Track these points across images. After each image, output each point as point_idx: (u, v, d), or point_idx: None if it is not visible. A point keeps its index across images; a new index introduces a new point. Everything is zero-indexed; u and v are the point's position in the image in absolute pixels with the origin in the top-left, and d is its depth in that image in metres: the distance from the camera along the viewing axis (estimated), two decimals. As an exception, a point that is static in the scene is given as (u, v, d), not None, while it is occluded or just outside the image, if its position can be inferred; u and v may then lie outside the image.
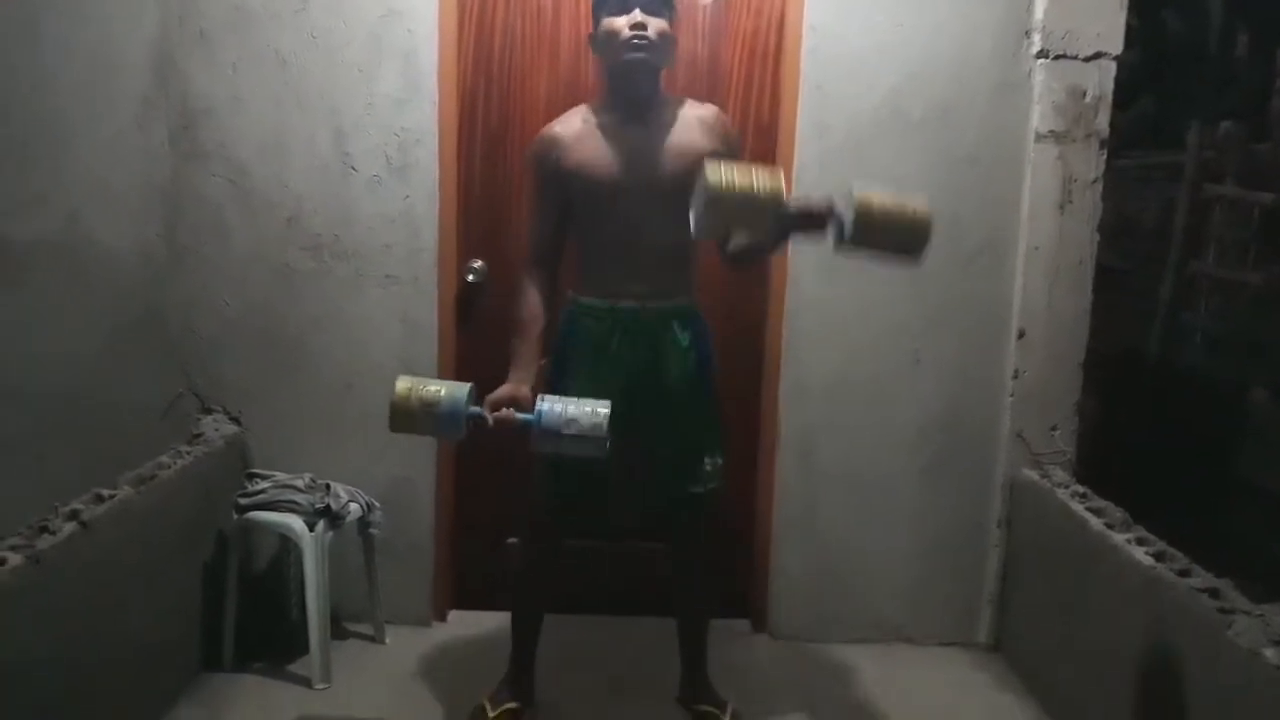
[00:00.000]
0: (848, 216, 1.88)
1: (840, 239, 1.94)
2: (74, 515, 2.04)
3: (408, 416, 2.03)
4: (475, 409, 2.03)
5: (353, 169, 2.75)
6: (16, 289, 2.14)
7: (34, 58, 2.16)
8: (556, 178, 2.24)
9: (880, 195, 1.87)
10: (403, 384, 2.04)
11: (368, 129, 2.74)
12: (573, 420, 1.95)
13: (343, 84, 2.72)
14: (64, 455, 2.23)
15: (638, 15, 2.12)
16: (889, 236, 1.89)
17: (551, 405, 1.98)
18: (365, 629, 2.87)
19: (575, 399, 2.00)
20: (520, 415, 2.02)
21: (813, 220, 2.00)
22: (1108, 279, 2.92)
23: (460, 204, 2.83)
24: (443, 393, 2.02)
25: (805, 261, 2.79)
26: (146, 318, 2.66)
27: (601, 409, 1.96)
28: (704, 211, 1.90)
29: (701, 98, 2.59)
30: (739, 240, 2.20)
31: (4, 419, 2.05)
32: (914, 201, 1.89)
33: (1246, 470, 3.01)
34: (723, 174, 1.87)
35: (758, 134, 2.82)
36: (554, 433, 1.96)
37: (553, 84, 2.81)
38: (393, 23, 2.70)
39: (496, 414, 2.05)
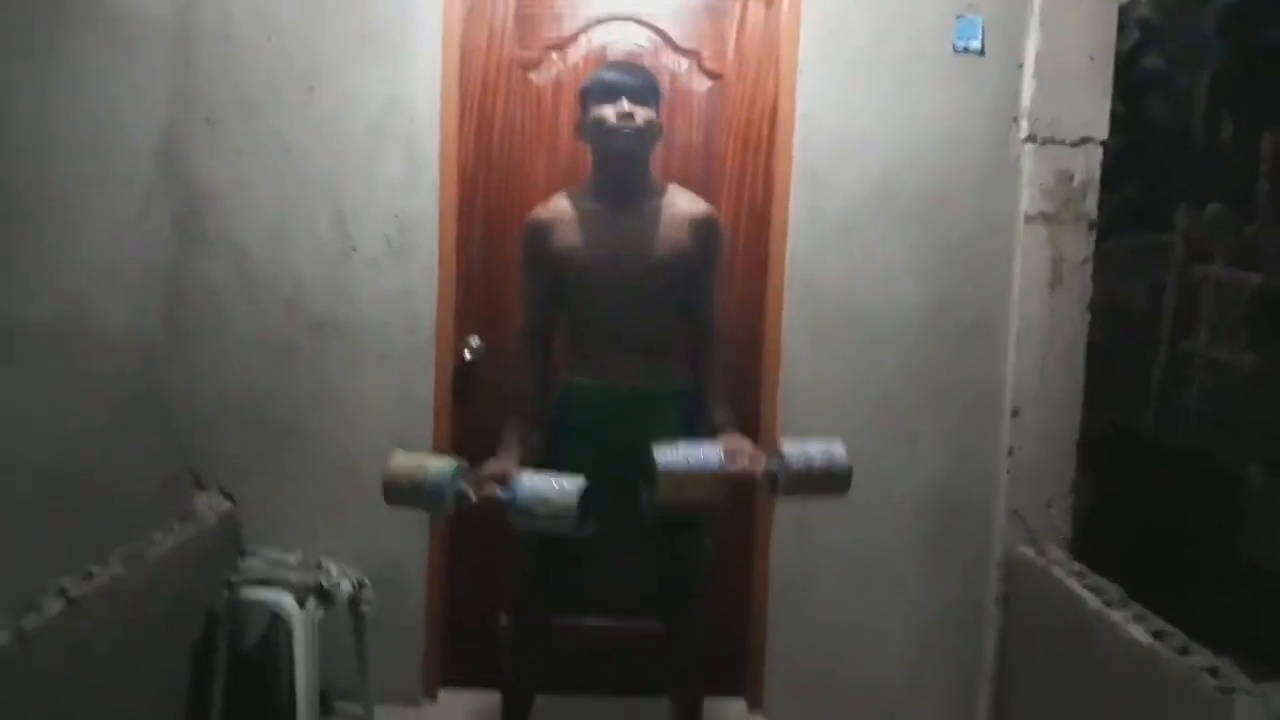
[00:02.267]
0: (780, 476, 2.08)
1: (772, 490, 2.15)
2: (62, 592, 2.03)
3: (396, 490, 2.07)
4: (461, 486, 2.05)
5: (353, 250, 2.81)
6: (17, 368, 2.16)
7: (40, 140, 2.22)
8: (544, 260, 2.29)
9: (809, 462, 2.07)
10: (394, 460, 2.08)
11: (369, 212, 2.80)
12: (545, 500, 1.98)
13: (345, 168, 2.79)
14: (57, 533, 2.23)
15: (625, 105, 2.18)
16: (816, 489, 2.13)
17: (526, 483, 2.01)
18: (355, 708, 2.82)
19: (552, 476, 2.03)
20: (502, 493, 2.03)
21: (749, 484, 2.18)
22: (1100, 359, 2.94)
23: (459, 284, 2.88)
24: (430, 469, 2.05)
25: (798, 340, 2.82)
26: (145, 398, 2.68)
27: (571, 487, 1.99)
28: (655, 499, 2.03)
29: (696, 184, 2.67)
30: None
31: (-1, 494, 2.07)
32: (837, 453, 2.09)
33: (1241, 548, 3.00)
34: (673, 483, 2.01)
35: (751, 219, 2.88)
36: (528, 510, 1.99)
37: (551, 169, 2.87)
38: (396, 111, 2.77)
39: (480, 492, 2.06)
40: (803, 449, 2.08)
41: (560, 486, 1.99)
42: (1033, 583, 2.71)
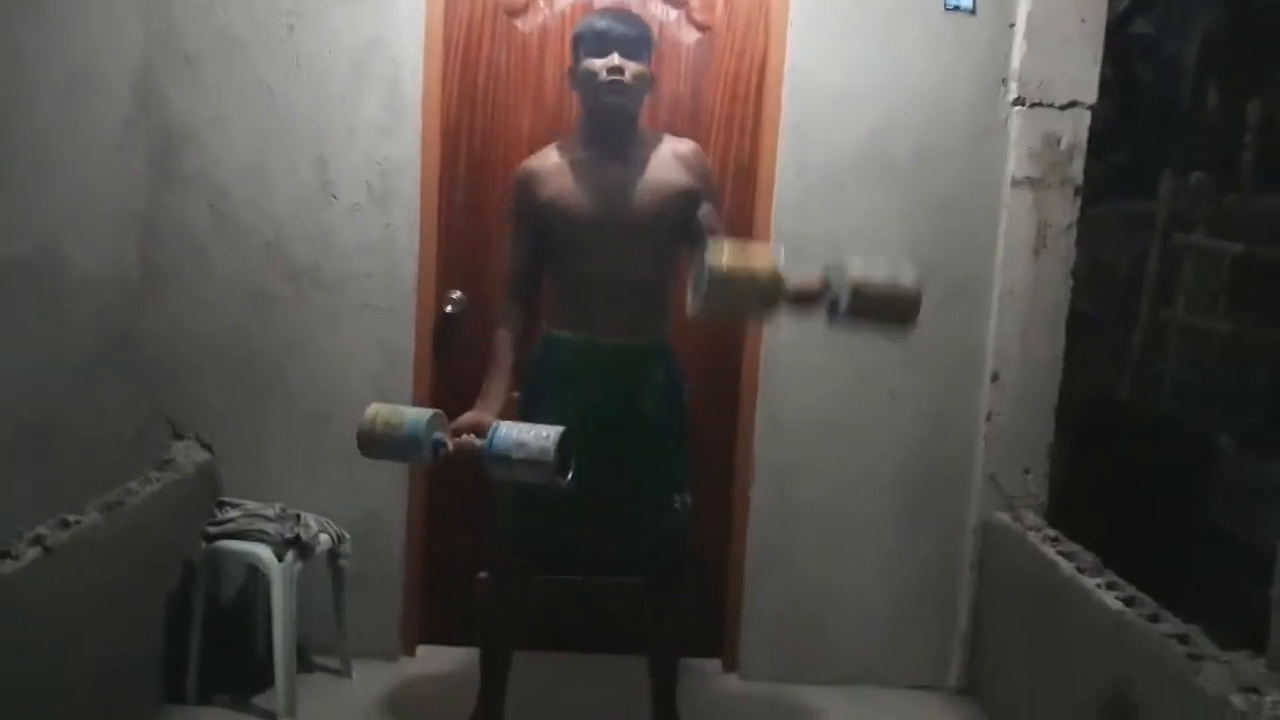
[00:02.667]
0: (842, 296, 1.93)
1: (833, 315, 2.00)
2: (38, 540, 2.00)
3: (372, 440, 2.03)
4: (438, 435, 2.03)
5: (334, 197, 2.76)
6: (-11, 308, 2.12)
7: (14, 77, 2.15)
8: (533, 212, 2.26)
9: (872, 275, 1.94)
10: (371, 409, 2.05)
11: (350, 157, 2.75)
12: (522, 445, 1.95)
13: (326, 111, 2.73)
14: (32, 479, 2.20)
15: (615, 59, 2.15)
16: (880, 314, 1.97)
17: (504, 431, 1.98)
18: (332, 662, 2.83)
19: (530, 425, 2.00)
20: (479, 442, 2.01)
21: (807, 299, 2.06)
22: (1082, 325, 2.95)
23: (441, 235, 2.84)
24: (406, 417, 2.02)
25: (783, 300, 2.80)
26: (120, 342, 2.63)
27: (550, 433, 1.95)
28: (705, 293, 1.93)
29: (684, 135, 2.62)
30: (734, 317, 2.19)
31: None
32: (905, 277, 1.95)
33: (1213, 516, 3.04)
34: (725, 258, 1.91)
35: (738, 173, 2.85)
36: (504, 457, 1.96)
37: (536, 118, 2.83)
38: (377, 51, 2.71)
39: (456, 440, 2.04)
40: (866, 265, 1.94)
41: (539, 434, 1.96)
42: (1008, 548, 2.73)
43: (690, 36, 2.82)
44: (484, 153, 2.84)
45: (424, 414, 2.03)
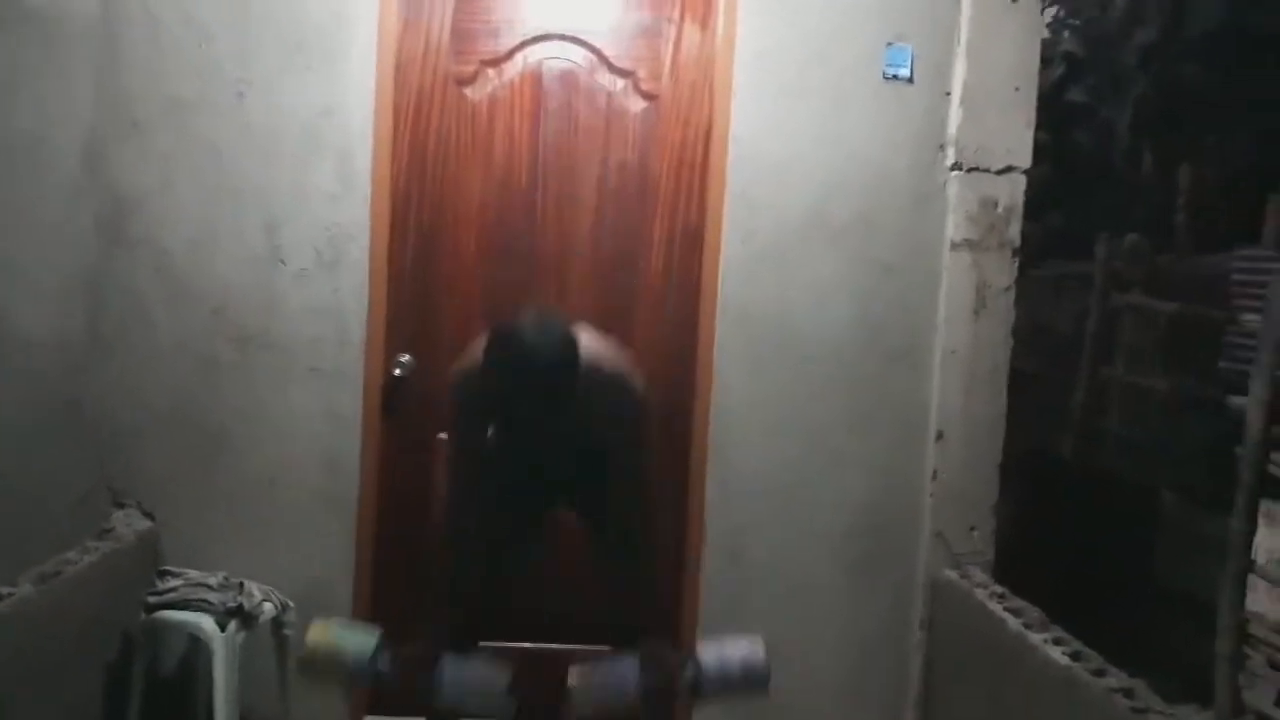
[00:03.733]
0: (701, 684, 2.08)
1: (693, 695, 2.13)
2: (-32, 614, 1.95)
3: (314, 667, 2.05)
4: (380, 665, 2.02)
5: (282, 261, 2.76)
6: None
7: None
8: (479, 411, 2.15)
9: (719, 669, 2.08)
10: (313, 633, 2.04)
11: (299, 222, 2.76)
12: (470, 694, 2.03)
13: (276, 177, 2.74)
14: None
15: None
16: (735, 692, 2.15)
17: (450, 675, 2.02)
18: (276, 735, 2.76)
19: (477, 661, 2.12)
20: (424, 681, 2.02)
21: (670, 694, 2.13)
22: (1025, 384, 3.01)
23: (390, 298, 2.84)
24: (349, 647, 2.02)
25: (730, 363, 2.84)
26: (64, 407, 2.59)
27: (498, 679, 2.04)
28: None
29: (631, 204, 2.70)
30: None
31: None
32: (756, 656, 2.12)
33: (1158, 571, 3.09)
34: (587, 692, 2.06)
35: (685, 238, 2.89)
36: (453, 703, 2.03)
37: (486, 186, 2.86)
38: (328, 119, 2.74)
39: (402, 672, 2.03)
40: (720, 655, 2.10)
41: (485, 678, 2.01)
42: (956, 605, 2.75)
43: (637, 105, 2.88)
44: (433, 219, 2.86)
45: (367, 644, 2.02)
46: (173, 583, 2.57)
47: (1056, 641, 2.27)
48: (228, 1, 2.70)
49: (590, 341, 2.11)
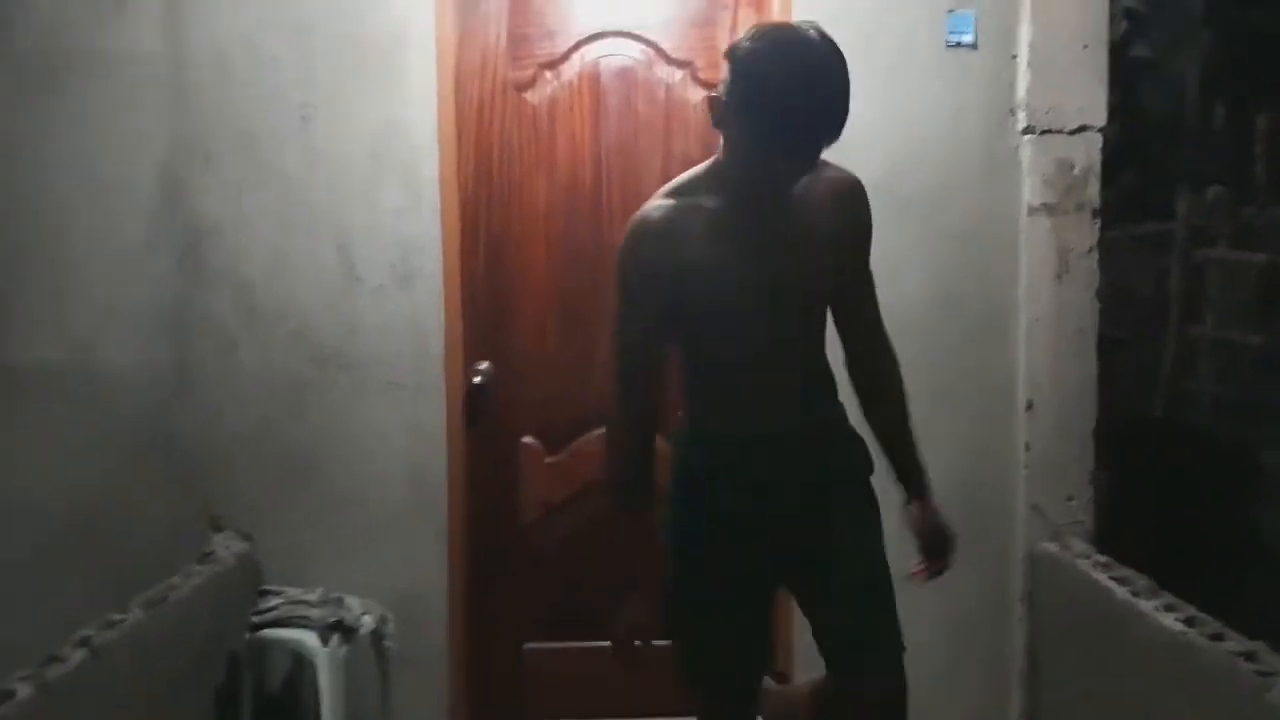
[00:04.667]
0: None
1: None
2: (84, 642, 2.00)
3: None
4: None
5: (357, 279, 2.80)
6: (27, 413, 2.15)
7: (44, 182, 2.22)
8: (663, 278, 1.74)
9: None
10: None
11: (371, 240, 2.79)
12: None
13: (346, 198, 2.78)
14: (75, 580, 2.21)
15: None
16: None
17: None
18: (383, 745, 2.80)
19: None
20: None
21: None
22: (1111, 349, 2.93)
23: (465, 309, 2.87)
24: None
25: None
26: (156, 438, 2.66)
27: None
28: None
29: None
30: None
31: (15, 544, 2.04)
32: None
33: (1263, 531, 2.98)
34: None
35: (754, 224, 2.86)
36: None
37: (551, 190, 2.87)
38: (393, 135, 2.77)
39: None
40: None
41: None
42: (1058, 577, 2.68)
43: (697, 95, 2.86)
44: (502, 226, 2.88)
45: None
46: (273, 601, 2.62)
47: (1168, 608, 2.20)
48: (289, 29, 2.74)
49: None
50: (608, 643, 1.94)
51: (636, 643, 1.88)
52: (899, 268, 2.80)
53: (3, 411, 2.44)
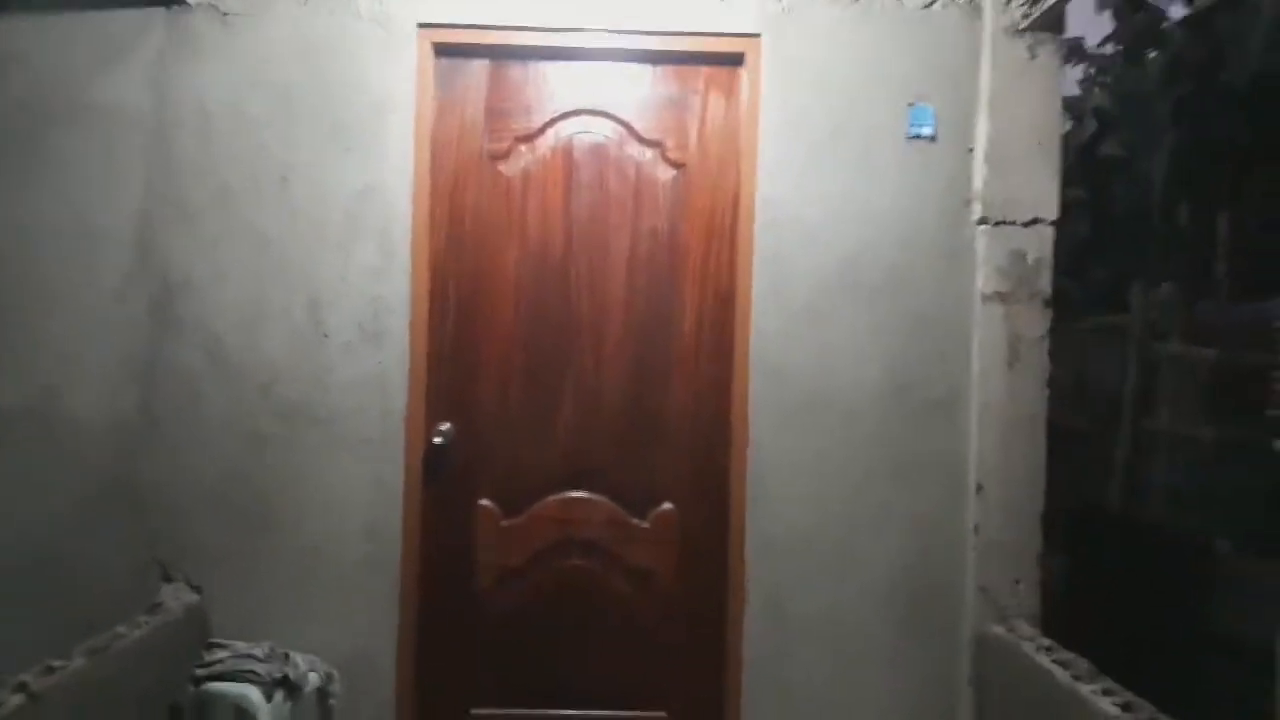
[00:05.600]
0: None
1: None
2: (22, 687, 2.00)
3: None
4: None
5: (325, 335, 2.84)
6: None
7: (19, 229, 2.28)
8: None
9: None
10: None
11: (342, 299, 2.85)
12: None
13: (320, 257, 2.84)
14: (25, 623, 2.22)
15: None
16: None
17: None
18: (323, 807, 2.76)
19: None
20: None
21: None
22: (1067, 439, 2.99)
23: (430, 368, 2.91)
24: None
25: (766, 423, 2.86)
26: (117, 485, 2.68)
27: None
28: None
29: (662, 271, 2.75)
30: None
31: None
32: None
33: (1210, 618, 3.02)
34: None
35: (716, 301, 2.93)
36: None
37: (521, 257, 2.93)
38: (369, 201, 2.85)
39: None
40: None
41: None
42: (1004, 660, 2.70)
43: (666, 174, 2.95)
44: (471, 292, 2.94)
45: None
46: (220, 655, 2.61)
47: (1106, 692, 2.23)
48: (273, 93, 2.84)
49: None
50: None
51: None
52: (858, 350, 2.88)
53: (-36, 452, 2.47)
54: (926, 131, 2.87)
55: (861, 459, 2.88)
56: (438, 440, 2.91)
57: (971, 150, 2.87)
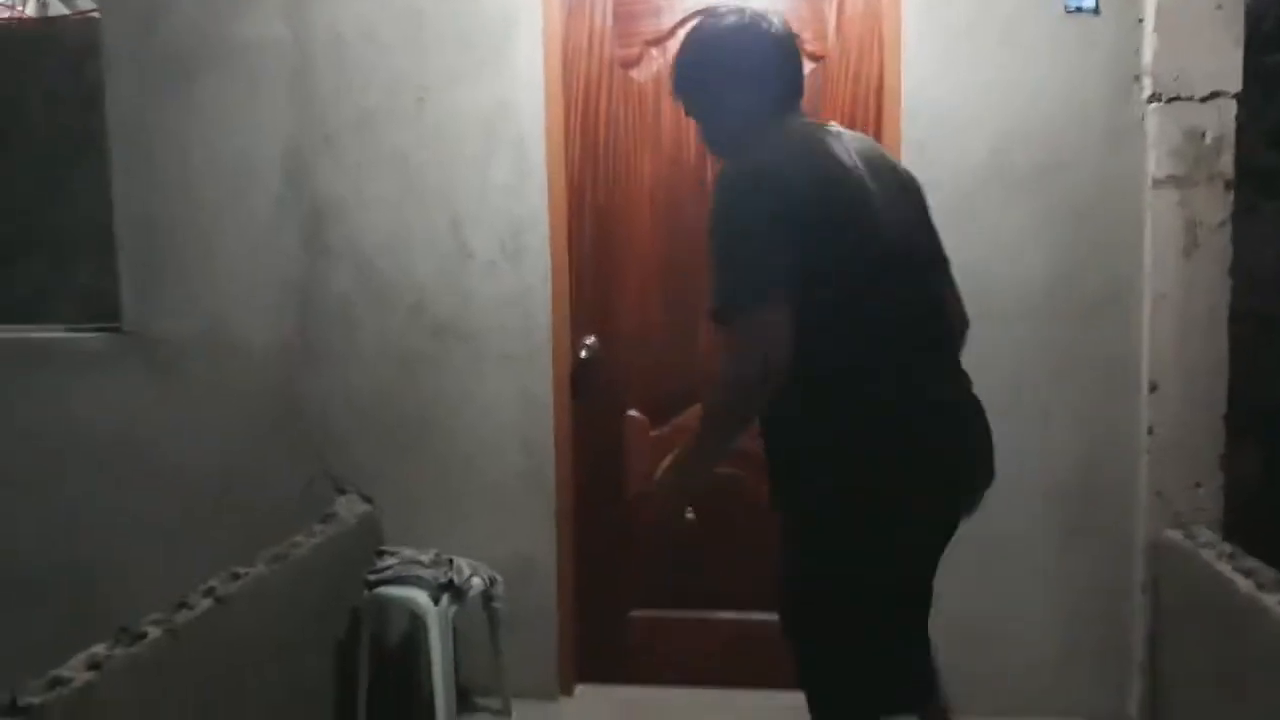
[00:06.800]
0: None
1: None
2: (210, 591, 2.16)
3: None
4: None
5: (470, 255, 2.89)
6: (170, 381, 2.33)
7: (180, 171, 2.40)
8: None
9: None
10: None
11: (482, 217, 2.88)
12: None
13: (458, 176, 2.88)
14: (213, 536, 2.39)
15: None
16: None
17: None
18: (493, 703, 2.91)
19: None
20: None
21: None
22: (1256, 327, 2.75)
23: (572, 283, 2.93)
24: None
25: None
26: (284, 406, 2.83)
27: None
28: None
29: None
30: None
31: (160, 502, 2.23)
32: None
33: None
34: None
35: (861, 198, 2.81)
36: None
37: (656, 165, 2.89)
38: (503, 115, 2.85)
39: None
40: None
41: None
42: (1181, 567, 2.55)
43: (806, 67, 2.81)
44: (608, 203, 2.93)
45: None
46: (389, 561, 2.74)
47: (1295, 602, 2.08)
48: (403, 15, 2.85)
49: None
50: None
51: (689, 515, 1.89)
52: (1014, 245, 2.72)
53: (151, 380, 2.66)
54: (1087, 3, 2.63)
55: (1023, 358, 2.74)
56: (583, 354, 2.94)
57: (1140, 20, 2.62)
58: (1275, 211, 2.81)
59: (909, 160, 2.70)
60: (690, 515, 1.90)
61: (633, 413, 2.95)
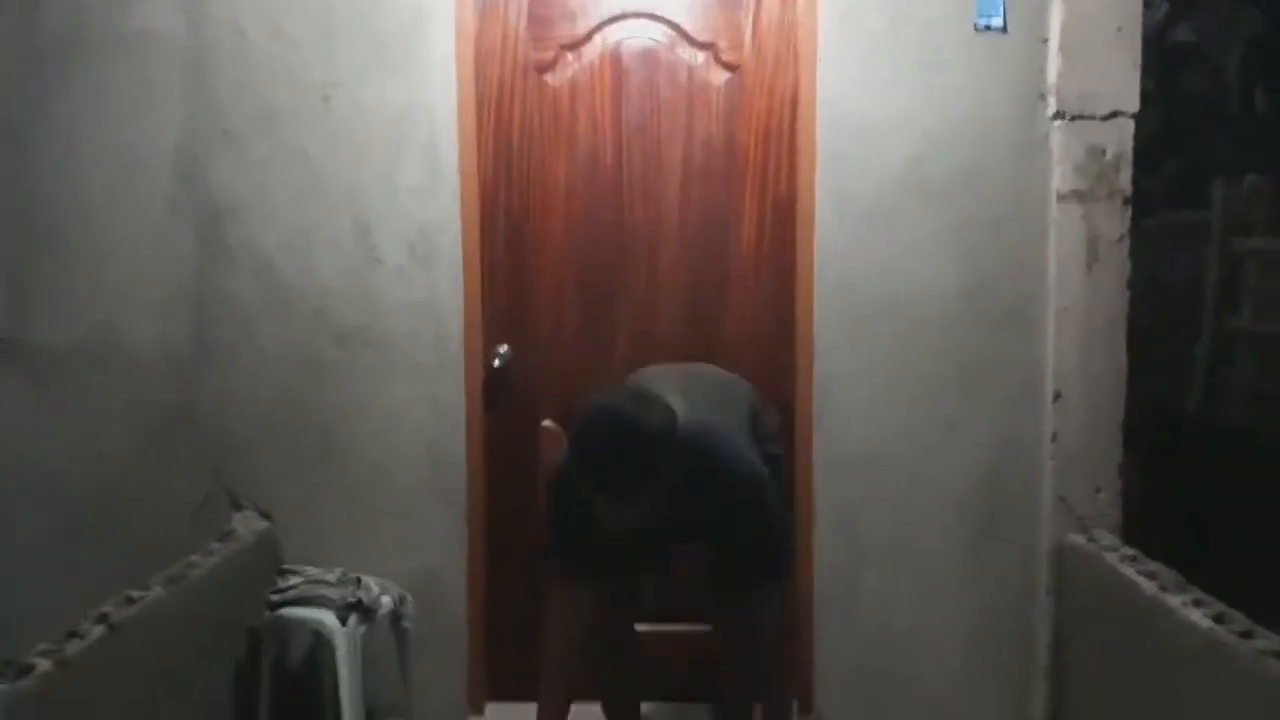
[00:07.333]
0: None
1: None
2: (103, 618, 2.02)
3: None
4: None
5: (377, 260, 2.79)
6: (51, 391, 2.17)
7: (62, 164, 2.23)
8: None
9: None
10: None
11: (392, 220, 2.78)
12: None
13: (366, 177, 2.77)
14: (96, 556, 2.23)
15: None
16: None
17: None
18: (401, 726, 2.81)
19: None
20: None
21: None
22: (1145, 340, 2.87)
23: (484, 289, 2.85)
24: None
25: (831, 331, 2.78)
26: (177, 417, 2.67)
27: None
28: None
29: (719, 178, 2.68)
30: None
31: (37, 520, 2.06)
32: None
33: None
34: None
35: (777, 209, 2.83)
36: None
37: (571, 171, 2.85)
38: (413, 118, 2.76)
39: None
40: None
41: None
42: (1085, 571, 2.63)
43: (719, 78, 2.82)
44: (522, 207, 2.87)
45: None
46: (293, 580, 2.63)
47: (1196, 603, 2.14)
48: (311, 9, 2.73)
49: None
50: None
51: None
52: (927, 254, 2.77)
53: (28, 389, 2.46)
54: (996, 22, 2.70)
55: (932, 367, 2.79)
56: (496, 363, 2.87)
57: (1045, 40, 2.70)
58: (1148, 230, 2.94)
59: (825, 172, 2.74)
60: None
61: (547, 423, 2.88)
